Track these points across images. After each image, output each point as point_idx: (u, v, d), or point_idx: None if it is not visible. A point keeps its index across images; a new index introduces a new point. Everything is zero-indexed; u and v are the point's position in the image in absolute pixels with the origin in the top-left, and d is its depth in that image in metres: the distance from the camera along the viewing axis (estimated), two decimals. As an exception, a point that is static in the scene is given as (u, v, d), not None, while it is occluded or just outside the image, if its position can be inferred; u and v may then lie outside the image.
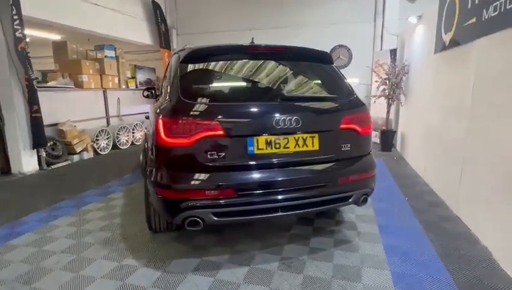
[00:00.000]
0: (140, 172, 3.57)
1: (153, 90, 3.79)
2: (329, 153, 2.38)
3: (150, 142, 2.48)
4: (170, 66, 2.68)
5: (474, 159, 2.91)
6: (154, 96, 3.65)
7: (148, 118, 3.82)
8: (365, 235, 2.85)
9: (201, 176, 2.13)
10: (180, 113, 2.15)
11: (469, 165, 3.01)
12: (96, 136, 6.59)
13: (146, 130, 3.45)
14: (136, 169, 5.29)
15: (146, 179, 2.52)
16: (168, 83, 2.50)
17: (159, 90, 3.50)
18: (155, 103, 2.87)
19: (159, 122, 2.16)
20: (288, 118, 2.20)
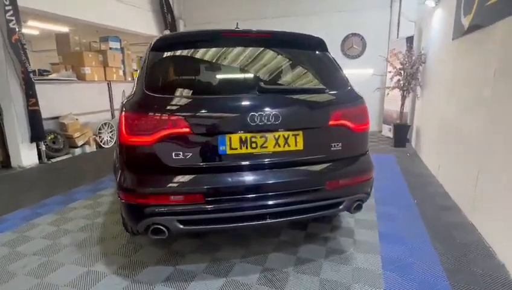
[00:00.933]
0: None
1: None
2: (316, 154, 2.07)
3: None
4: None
5: (493, 158, 2.53)
6: None
7: None
8: (362, 245, 2.53)
9: (165, 178, 1.88)
10: (142, 108, 1.90)
11: (487, 165, 2.62)
12: (99, 130, 6.50)
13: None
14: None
15: None
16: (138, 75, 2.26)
17: None
18: None
19: (121, 117, 1.94)
20: (266, 113, 1.91)
